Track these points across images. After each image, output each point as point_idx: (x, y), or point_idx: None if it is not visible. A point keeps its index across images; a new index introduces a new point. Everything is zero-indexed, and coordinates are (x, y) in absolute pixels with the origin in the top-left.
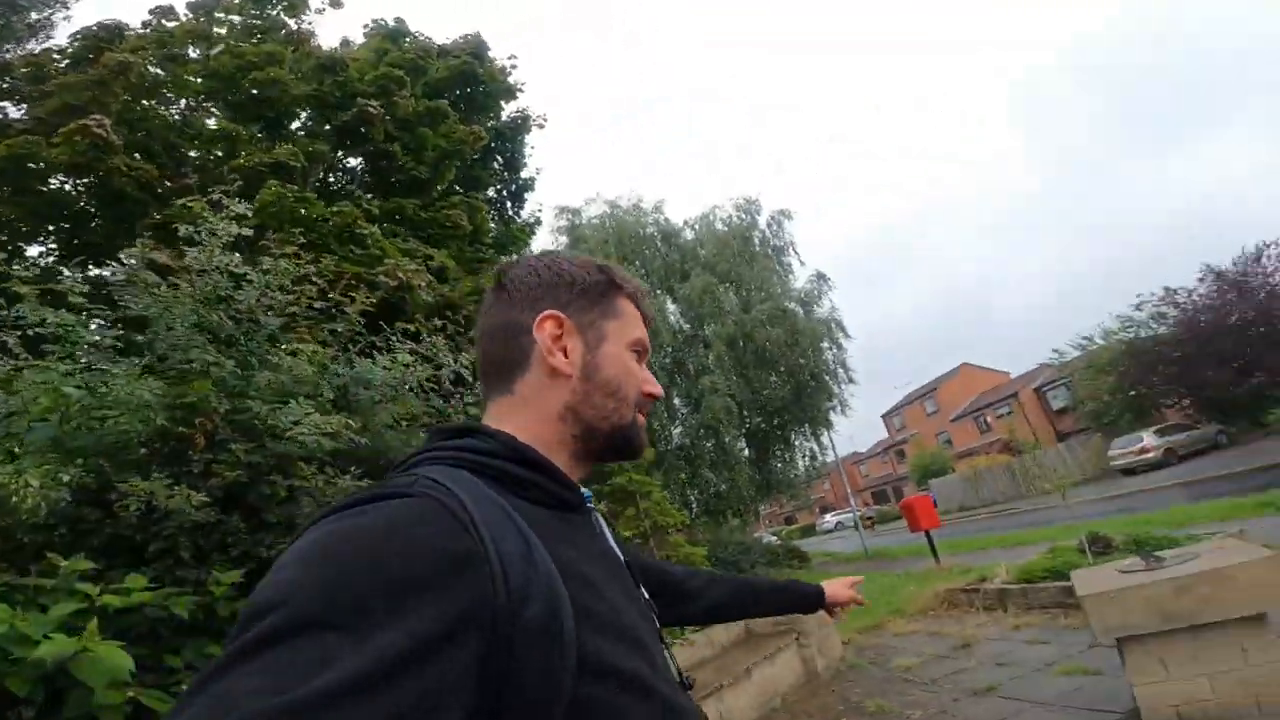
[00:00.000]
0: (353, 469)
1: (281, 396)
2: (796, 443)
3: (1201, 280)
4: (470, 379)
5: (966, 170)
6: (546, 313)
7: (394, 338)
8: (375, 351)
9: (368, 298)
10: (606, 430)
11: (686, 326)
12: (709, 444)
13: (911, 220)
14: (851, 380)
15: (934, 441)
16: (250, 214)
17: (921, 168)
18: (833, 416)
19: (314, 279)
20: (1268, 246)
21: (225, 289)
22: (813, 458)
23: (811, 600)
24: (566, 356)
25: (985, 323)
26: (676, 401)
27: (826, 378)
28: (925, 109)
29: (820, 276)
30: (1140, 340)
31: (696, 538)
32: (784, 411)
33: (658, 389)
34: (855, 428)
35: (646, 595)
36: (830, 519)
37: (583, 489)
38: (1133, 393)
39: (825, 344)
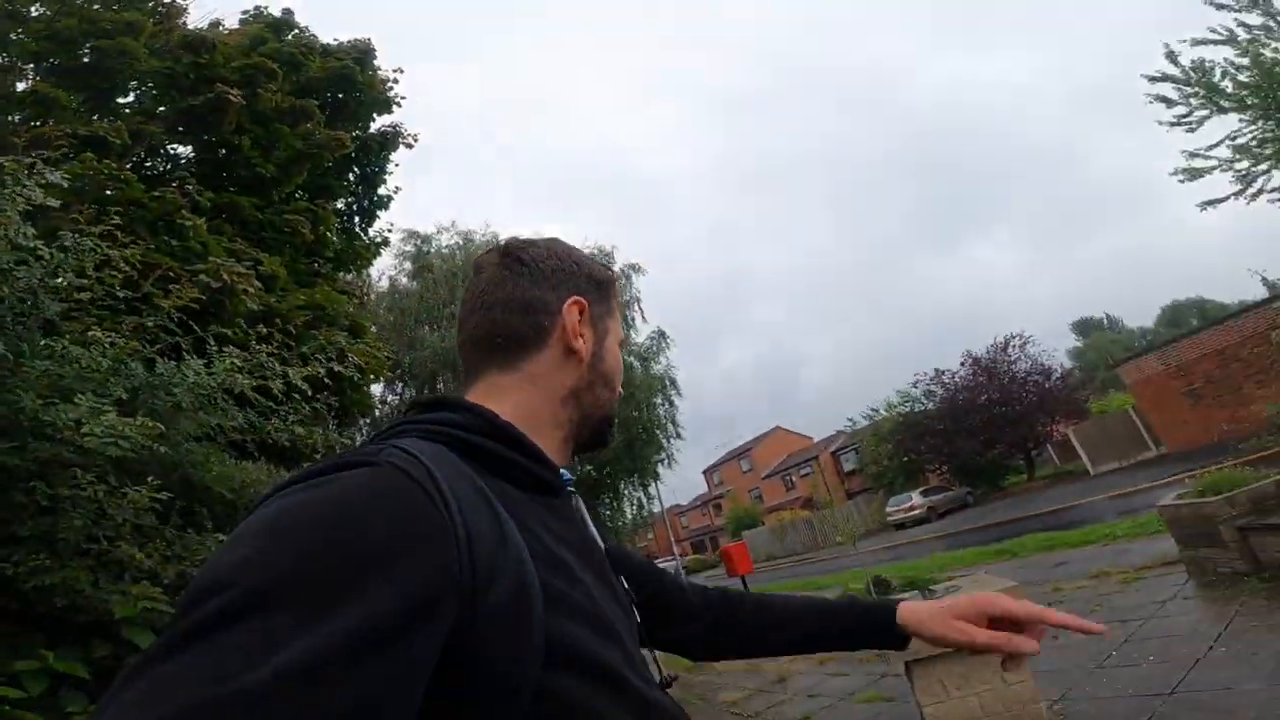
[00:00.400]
0: (150, 479)
1: (59, 392)
2: (625, 492)
3: (963, 364)
4: (304, 394)
5: (782, 244)
6: (577, 297)
7: (209, 343)
8: (184, 354)
9: (189, 292)
10: (597, 419)
11: None
12: None
13: (738, 286)
14: (680, 436)
15: (747, 497)
16: (65, 184)
17: (745, 235)
18: (661, 469)
19: (120, 265)
20: (1013, 338)
21: (5, 263)
22: (640, 507)
23: (882, 630)
24: (583, 342)
25: (799, 387)
26: None
27: (658, 431)
28: (761, 184)
29: (660, 334)
30: (913, 414)
31: None
32: (615, 462)
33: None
34: (679, 482)
35: (625, 586)
36: None
37: (564, 472)
38: (905, 458)
39: (659, 399)
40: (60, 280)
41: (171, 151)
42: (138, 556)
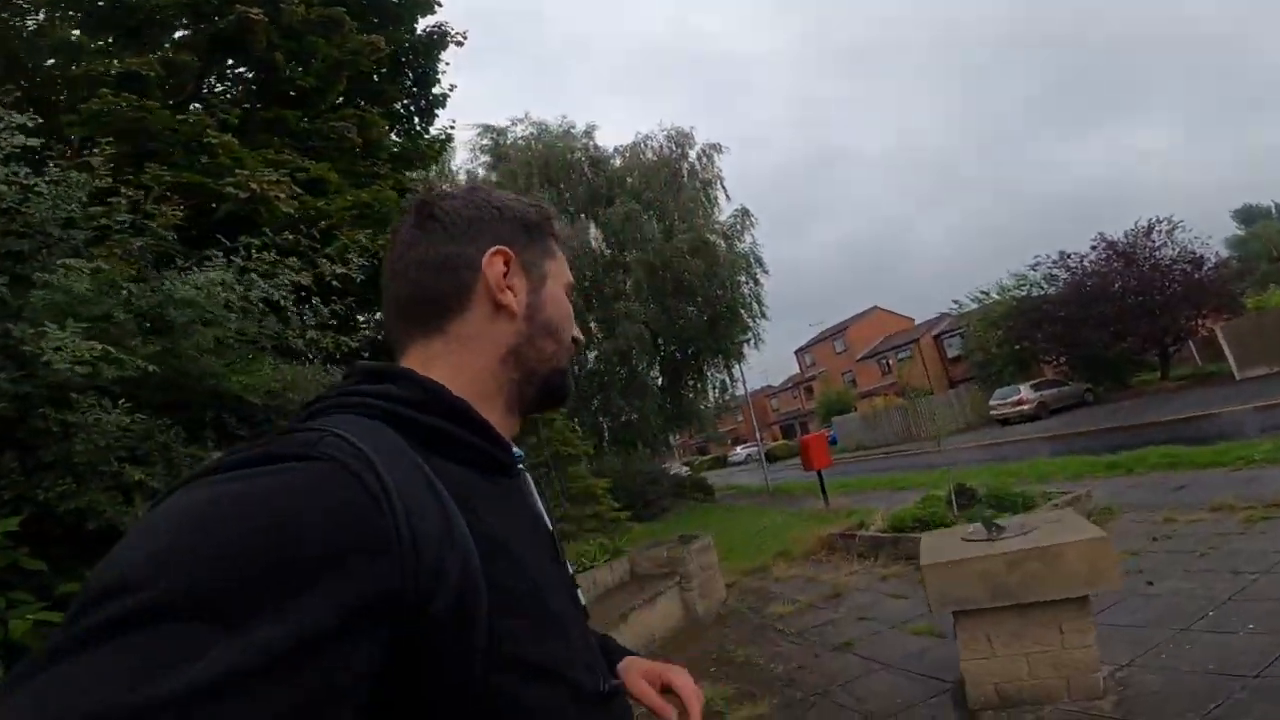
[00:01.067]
0: (122, 401)
1: (61, 319)
2: (709, 374)
3: (1094, 248)
4: (314, 297)
5: (889, 117)
6: (497, 248)
7: (214, 253)
8: (204, 266)
9: (178, 208)
10: (545, 374)
11: (608, 252)
12: (622, 371)
13: (838, 162)
14: (765, 316)
15: (840, 380)
16: (30, 125)
17: (847, 112)
18: (746, 350)
19: (125, 191)
20: (1159, 223)
21: (10, 201)
22: (723, 389)
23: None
24: (512, 295)
25: (901, 267)
26: (593, 326)
27: (742, 310)
28: (860, 56)
29: (744, 211)
30: (1030, 298)
31: (603, 467)
32: (698, 341)
33: (580, 335)
34: (769, 362)
35: (571, 568)
36: (741, 451)
37: (515, 448)
38: (1018, 347)
39: (743, 278)
40: (70, 210)
41: (227, 74)
42: (137, 477)
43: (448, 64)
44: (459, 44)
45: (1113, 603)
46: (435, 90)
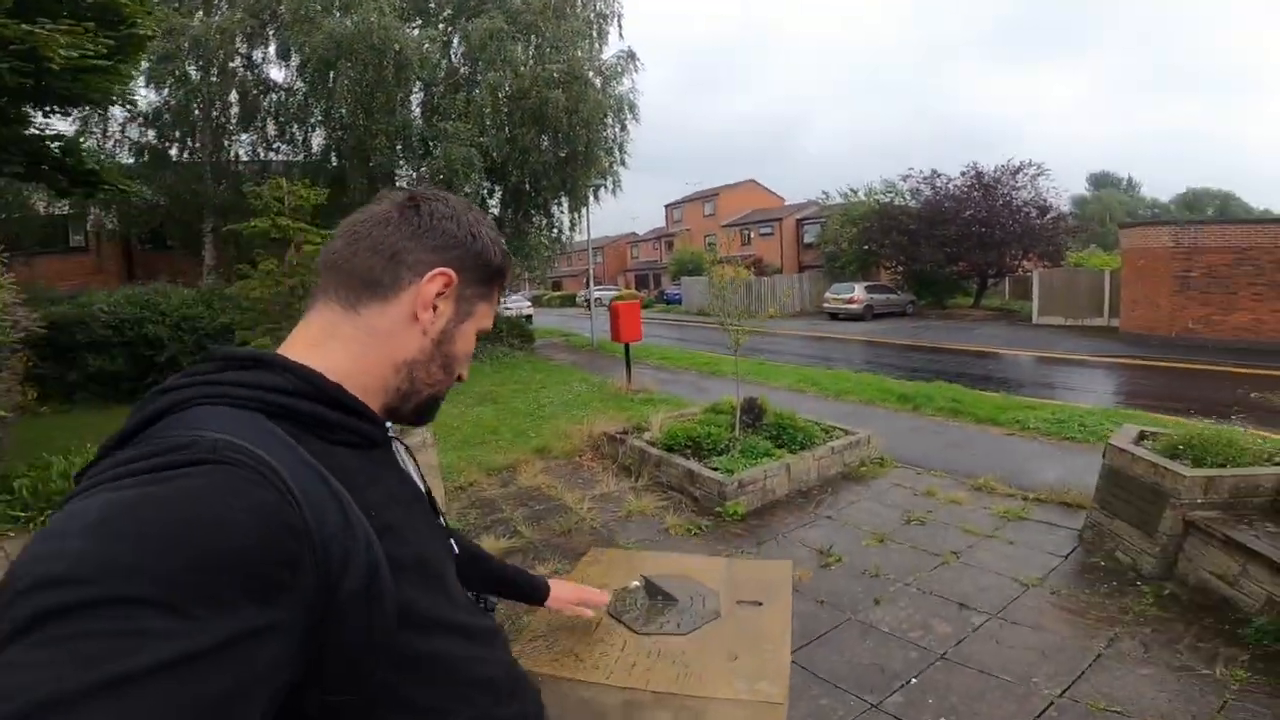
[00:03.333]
0: None
1: None
2: (555, 212)
3: (963, 174)
4: None
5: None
6: (445, 269)
7: None
8: None
9: None
10: (425, 397)
11: (465, 69)
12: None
13: (758, 41)
14: (624, 164)
15: (701, 241)
16: None
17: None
18: (605, 195)
19: None
20: (1028, 166)
21: None
22: (570, 227)
23: (537, 598)
24: (434, 315)
25: (793, 152)
26: (430, 143)
27: (602, 154)
28: None
29: (630, 54)
30: (892, 206)
31: None
32: (547, 176)
33: (466, 375)
34: (642, 210)
35: (444, 521)
36: (590, 293)
37: (386, 422)
38: (866, 247)
39: (610, 120)
40: None
41: None
42: None
43: None
44: None
45: (827, 629)
46: None
